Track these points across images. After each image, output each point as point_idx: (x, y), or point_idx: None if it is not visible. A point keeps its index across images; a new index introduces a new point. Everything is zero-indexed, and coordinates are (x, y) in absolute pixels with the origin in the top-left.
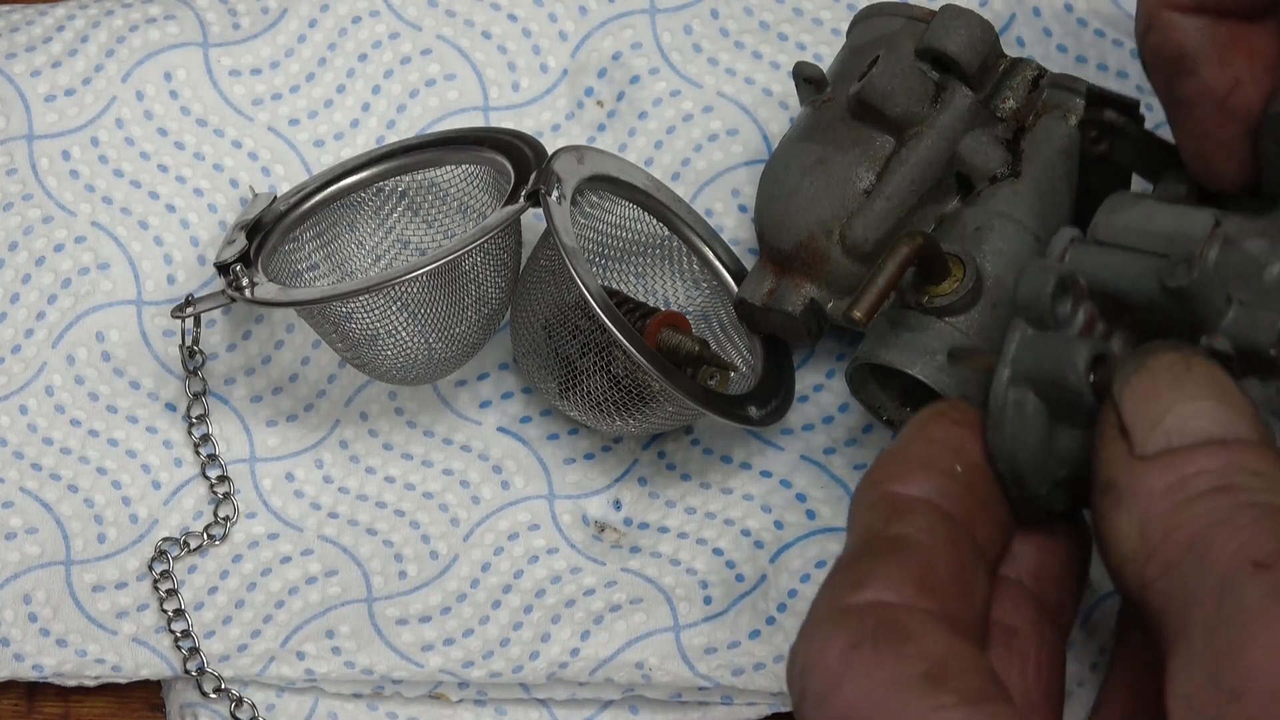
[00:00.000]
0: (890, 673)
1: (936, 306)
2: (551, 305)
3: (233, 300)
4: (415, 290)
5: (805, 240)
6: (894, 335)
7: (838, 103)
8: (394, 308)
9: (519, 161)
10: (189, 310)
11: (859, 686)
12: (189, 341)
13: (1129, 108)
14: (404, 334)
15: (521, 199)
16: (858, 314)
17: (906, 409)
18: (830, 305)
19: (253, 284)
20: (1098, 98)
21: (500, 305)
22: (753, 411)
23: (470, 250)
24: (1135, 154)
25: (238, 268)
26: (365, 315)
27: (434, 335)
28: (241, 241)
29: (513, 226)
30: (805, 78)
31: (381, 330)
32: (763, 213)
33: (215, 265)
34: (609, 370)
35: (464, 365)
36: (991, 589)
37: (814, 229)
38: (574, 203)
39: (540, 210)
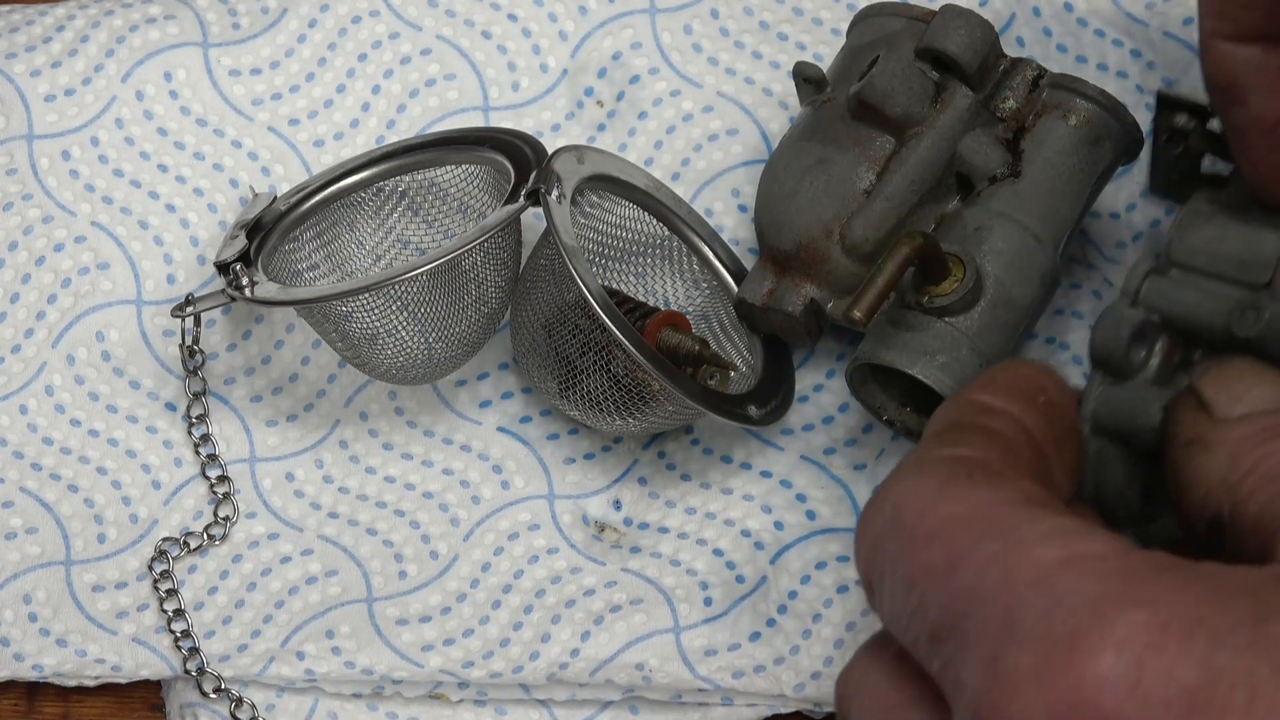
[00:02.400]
0: (989, 497)
1: (936, 306)
2: (551, 304)
3: (232, 300)
4: (415, 290)
5: (805, 241)
6: (894, 335)
7: (838, 103)
8: (394, 307)
9: (519, 161)
10: (189, 310)
11: (958, 506)
12: (189, 341)
13: (1199, 110)
14: (404, 333)
15: (521, 198)
16: (857, 314)
17: (906, 409)
18: (830, 305)
19: (253, 283)
20: (1169, 101)
21: (500, 305)
22: (753, 411)
23: (470, 250)
24: (1209, 149)
25: (238, 267)
26: (365, 315)
27: (434, 335)
28: (241, 241)
29: (513, 226)
30: (805, 77)
31: (381, 330)
32: (762, 213)
33: (215, 265)
34: (609, 369)
35: (464, 365)
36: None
37: (814, 229)
38: (574, 202)
39: (540, 210)
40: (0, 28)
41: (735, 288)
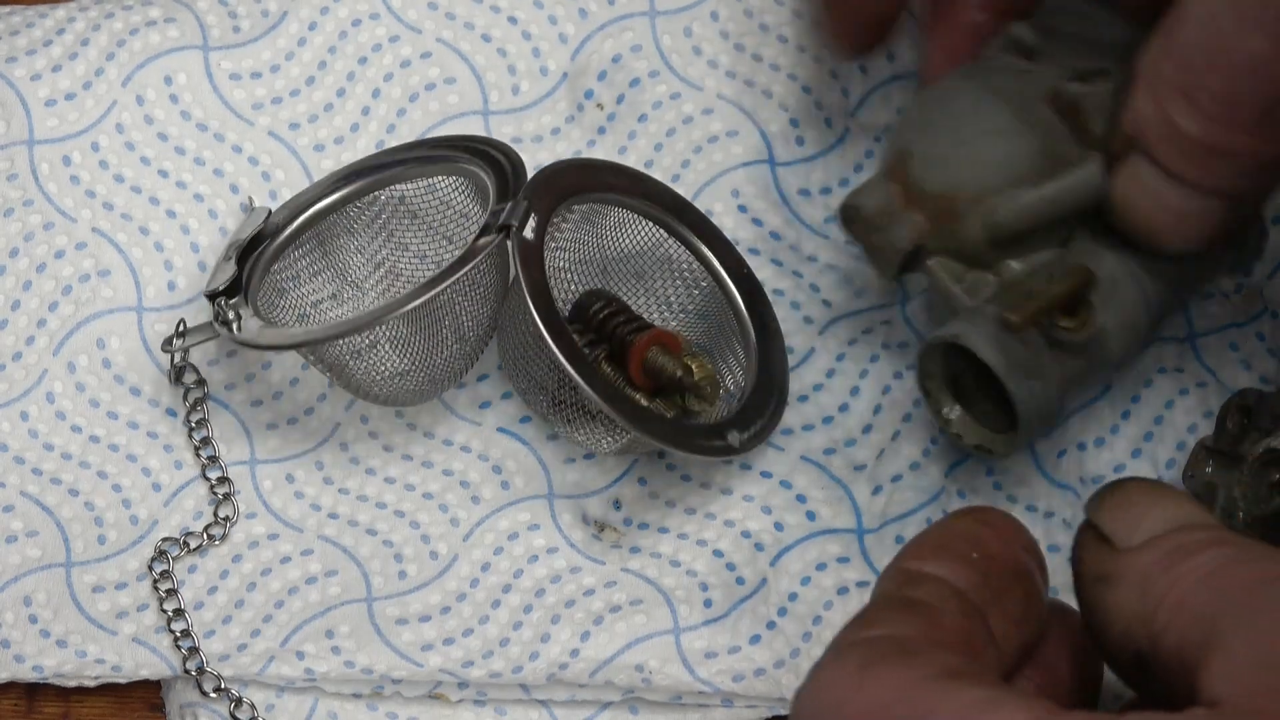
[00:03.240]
0: (907, 676)
1: (1056, 338)
2: (525, 331)
3: (218, 335)
4: (388, 330)
5: (953, 193)
6: (1005, 340)
7: (1041, 80)
8: (364, 346)
9: (498, 173)
10: (178, 344)
11: (875, 690)
12: (178, 368)
13: None
14: (384, 366)
15: (494, 232)
16: (1015, 318)
17: (956, 411)
18: (966, 281)
19: (239, 317)
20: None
21: (489, 326)
22: (733, 438)
23: (437, 293)
24: None
25: (222, 300)
26: (339, 353)
27: (415, 365)
28: (232, 267)
29: (491, 253)
30: (1016, 40)
31: (359, 367)
32: (920, 139)
33: (205, 295)
34: (582, 405)
35: (457, 380)
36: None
37: (968, 188)
38: (556, 222)
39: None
40: (0, 30)
41: (735, 288)
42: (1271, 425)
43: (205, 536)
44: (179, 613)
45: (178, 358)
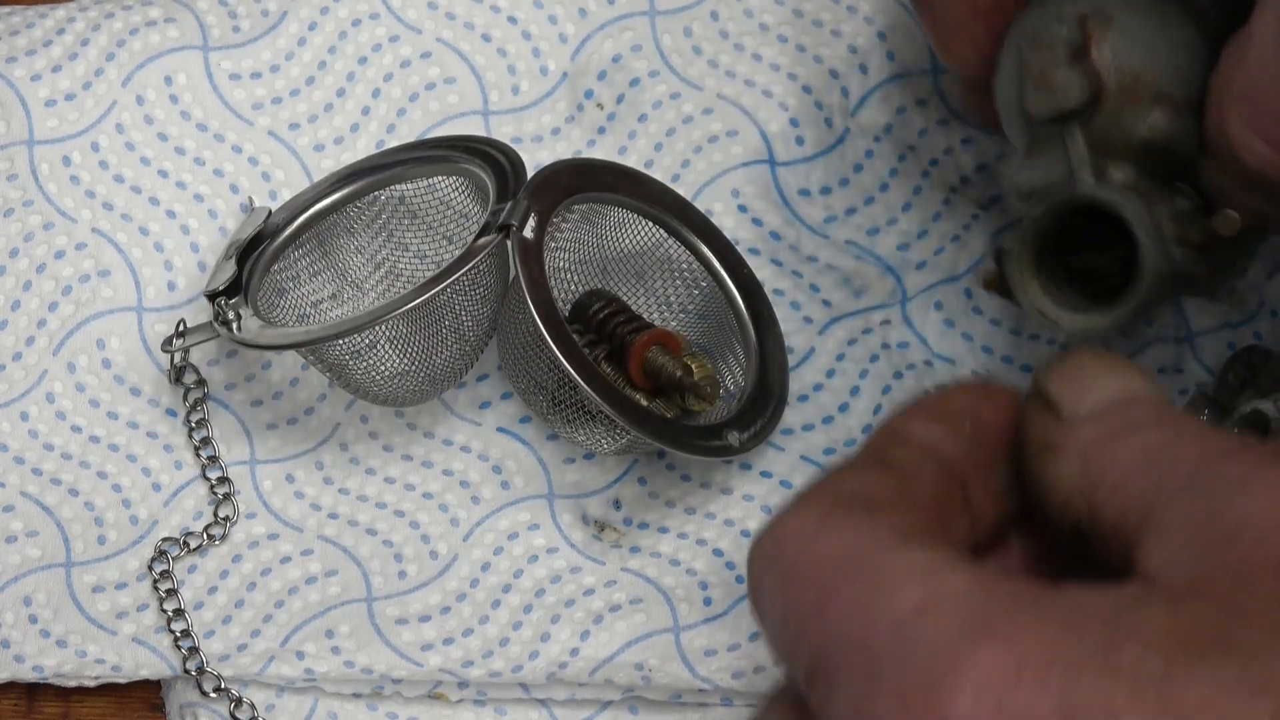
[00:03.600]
0: (866, 531)
1: (1199, 238)
2: (525, 331)
3: (218, 335)
4: (388, 330)
5: (1144, 76)
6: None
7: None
8: (364, 345)
9: (498, 173)
10: (178, 344)
11: (831, 542)
12: (178, 368)
13: None
14: (384, 366)
15: (493, 231)
16: (1235, 215)
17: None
18: (1094, 164)
19: (239, 317)
20: None
21: (489, 326)
22: (732, 438)
23: (436, 293)
24: None
25: (222, 301)
26: (339, 352)
27: (415, 365)
28: (232, 267)
29: (491, 253)
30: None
31: (358, 367)
32: (1125, 12)
33: (205, 294)
34: (581, 405)
35: (457, 380)
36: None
37: (1157, 82)
38: (558, 223)
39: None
40: (0, 31)
41: (735, 288)
42: (1270, 387)
43: (205, 536)
44: (179, 613)
45: (178, 358)
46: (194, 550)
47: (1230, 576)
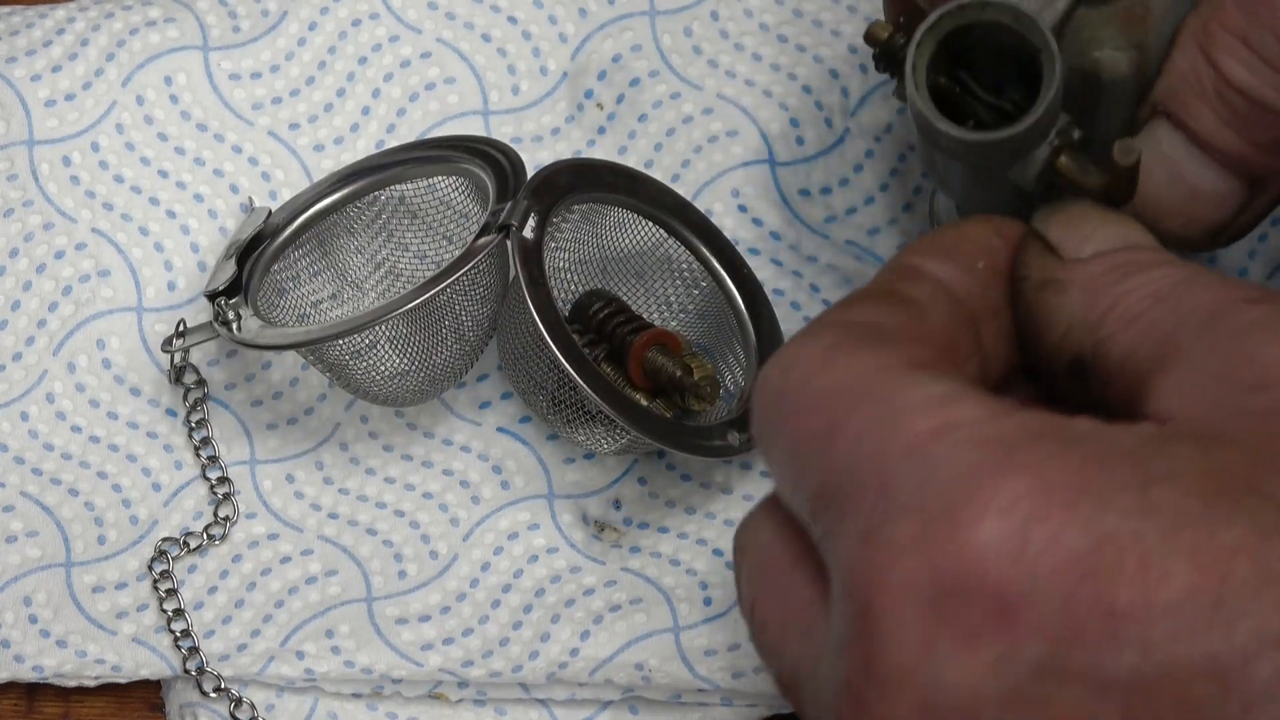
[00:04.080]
0: (872, 362)
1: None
2: (525, 331)
3: (218, 335)
4: (387, 330)
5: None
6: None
7: None
8: (364, 345)
9: (498, 173)
10: (178, 344)
11: (840, 372)
12: (178, 368)
13: None
14: (384, 366)
15: (493, 231)
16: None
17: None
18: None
19: (239, 317)
20: None
21: (488, 326)
22: (733, 438)
23: (436, 293)
24: None
25: (222, 301)
26: (339, 352)
27: (415, 365)
28: (232, 267)
29: (491, 253)
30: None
31: (358, 366)
32: None
33: (205, 295)
34: (581, 405)
35: (457, 380)
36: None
37: (1161, 12)
38: (557, 222)
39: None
40: (0, 31)
41: (735, 288)
42: None
43: (205, 536)
44: (179, 613)
45: (178, 358)
46: (194, 550)
47: (1258, 424)
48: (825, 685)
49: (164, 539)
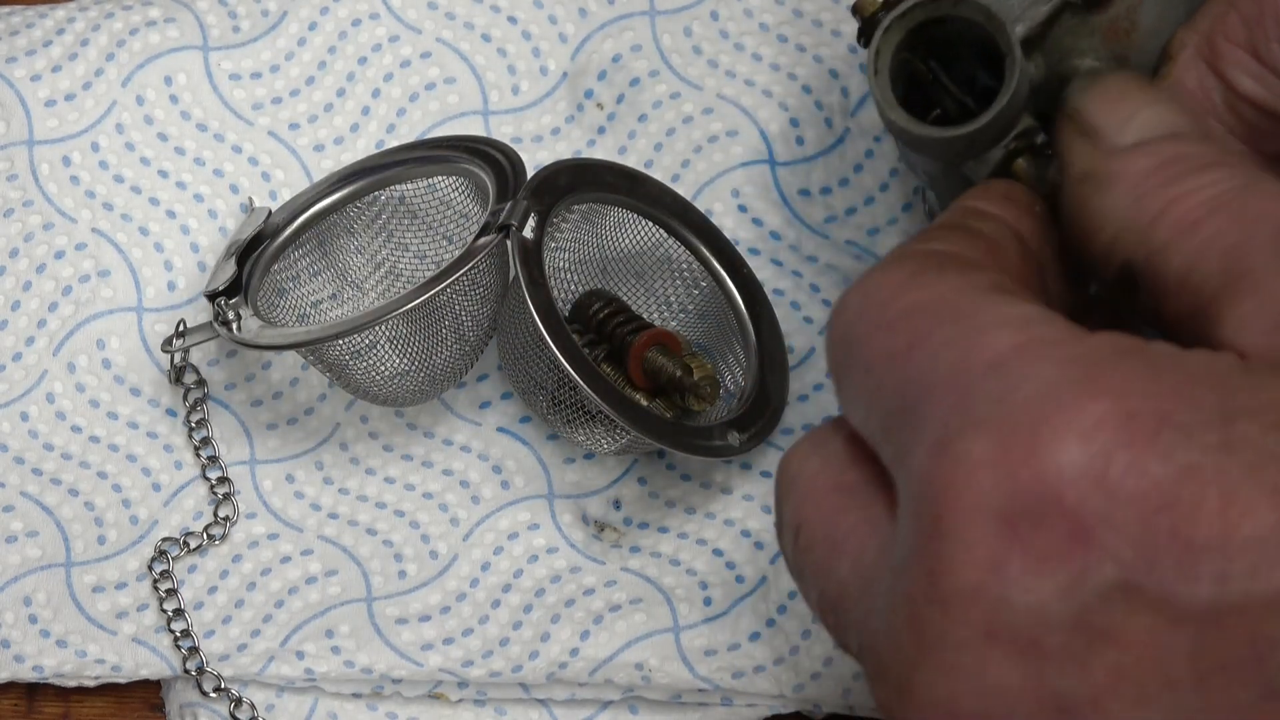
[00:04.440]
0: (956, 283)
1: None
2: (525, 331)
3: (218, 335)
4: (387, 330)
5: None
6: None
7: None
8: (364, 345)
9: (498, 173)
10: (178, 344)
11: (923, 293)
12: (178, 368)
13: None
14: (384, 366)
15: (493, 231)
16: None
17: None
18: None
19: (239, 317)
20: None
21: (488, 326)
22: (733, 438)
23: (436, 293)
24: None
25: (222, 301)
26: (338, 352)
27: (415, 365)
28: (231, 267)
29: (491, 253)
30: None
31: (358, 366)
32: None
33: (205, 295)
34: (581, 405)
35: (457, 380)
36: None
37: None
38: (556, 222)
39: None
40: (0, 31)
41: (735, 288)
42: None
43: (205, 536)
44: (179, 613)
45: (178, 358)
46: (194, 550)
47: None
48: (879, 605)
49: (164, 539)
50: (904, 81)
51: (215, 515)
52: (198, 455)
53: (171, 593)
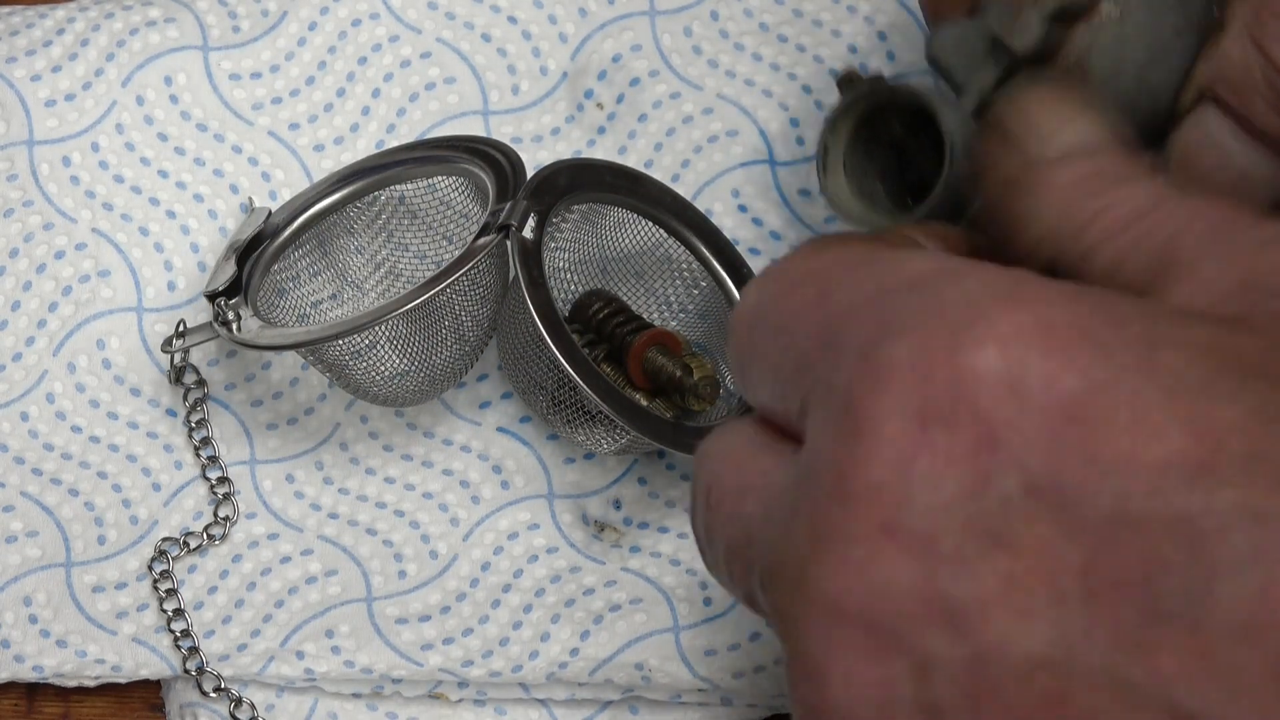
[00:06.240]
0: (864, 244)
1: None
2: (525, 331)
3: (217, 335)
4: (387, 330)
5: None
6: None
7: None
8: (364, 345)
9: (498, 173)
10: (178, 344)
11: (831, 253)
12: (178, 369)
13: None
14: (384, 366)
15: (493, 232)
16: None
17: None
18: None
19: (239, 317)
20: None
21: (488, 326)
22: None
23: (436, 293)
24: None
25: (222, 301)
26: (338, 352)
27: (415, 365)
28: (231, 267)
29: (491, 253)
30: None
31: (358, 366)
32: None
33: (205, 295)
34: (581, 405)
35: (457, 380)
36: None
37: None
38: (557, 222)
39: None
40: (0, 30)
41: (734, 288)
42: None
43: (205, 536)
44: (179, 613)
45: (178, 358)
46: (194, 550)
47: (1276, 322)
48: (782, 517)
49: (164, 539)
50: (882, 146)
51: (215, 515)
52: (198, 455)
53: (171, 593)
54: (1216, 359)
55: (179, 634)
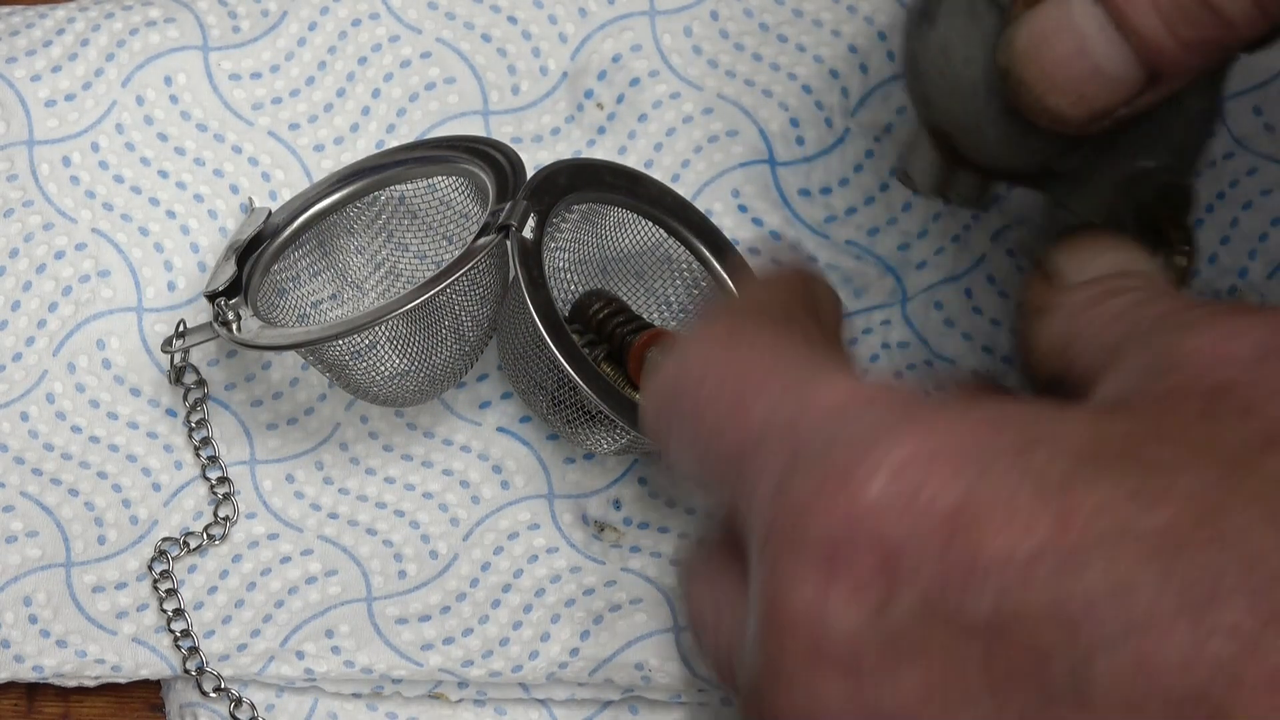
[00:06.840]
0: (774, 338)
1: None
2: (525, 331)
3: (217, 335)
4: (387, 330)
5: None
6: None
7: None
8: (364, 345)
9: (498, 173)
10: (178, 345)
11: (745, 349)
12: (179, 369)
13: None
14: (384, 366)
15: (493, 232)
16: None
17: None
18: None
19: (239, 316)
20: None
21: (488, 326)
22: None
23: (436, 293)
24: None
25: (222, 301)
26: (338, 353)
27: (415, 365)
28: (231, 268)
29: (491, 253)
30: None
31: (358, 366)
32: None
33: (205, 295)
34: (581, 405)
35: (457, 380)
36: None
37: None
38: (556, 222)
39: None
40: (0, 30)
41: (734, 288)
42: None
43: (205, 536)
44: (179, 613)
45: (178, 358)
46: (194, 550)
47: (1156, 399)
48: (744, 653)
49: (164, 539)
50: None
51: (215, 515)
52: (198, 455)
53: (171, 593)
54: (1086, 448)
55: (179, 634)
